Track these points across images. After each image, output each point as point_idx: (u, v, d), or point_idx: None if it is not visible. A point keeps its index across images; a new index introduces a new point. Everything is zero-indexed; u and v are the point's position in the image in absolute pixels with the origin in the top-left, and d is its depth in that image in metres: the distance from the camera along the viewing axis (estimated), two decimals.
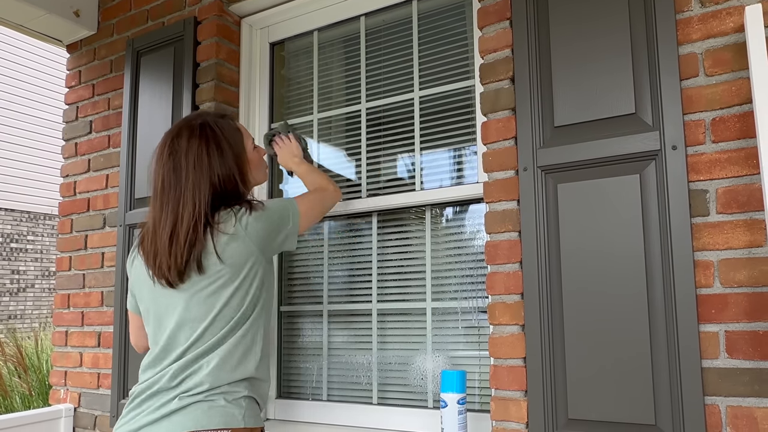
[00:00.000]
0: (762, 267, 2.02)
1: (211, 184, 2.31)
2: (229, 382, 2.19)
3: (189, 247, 2.23)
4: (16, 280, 17.68)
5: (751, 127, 2.08)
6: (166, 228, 2.28)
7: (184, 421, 2.10)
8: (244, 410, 2.18)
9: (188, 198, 2.28)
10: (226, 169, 2.37)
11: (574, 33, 2.40)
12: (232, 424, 2.12)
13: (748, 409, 2.01)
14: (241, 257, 2.25)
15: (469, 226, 2.89)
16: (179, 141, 2.37)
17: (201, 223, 2.25)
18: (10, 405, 6.94)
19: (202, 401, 2.13)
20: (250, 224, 2.27)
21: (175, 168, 2.33)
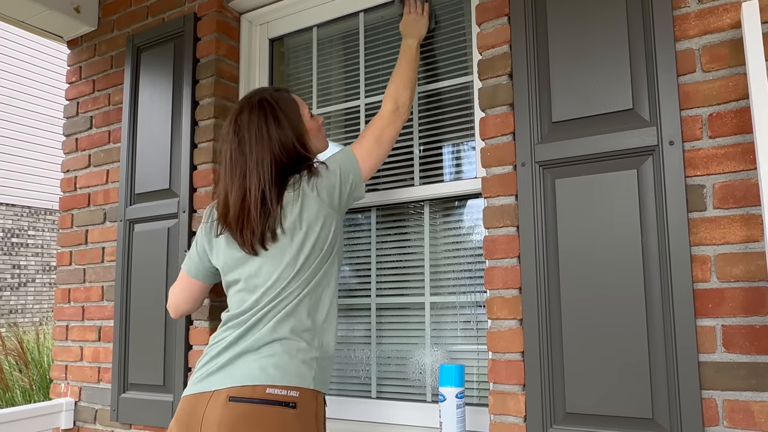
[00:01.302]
0: (758, 262, 2.03)
1: (272, 154, 2.41)
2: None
3: (262, 218, 2.35)
4: (17, 275, 17.70)
5: (747, 122, 2.08)
6: (237, 201, 2.40)
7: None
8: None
9: (253, 171, 2.39)
10: (285, 138, 2.46)
11: (571, 29, 2.40)
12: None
13: (745, 403, 2.02)
14: (312, 216, 2.36)
15: (468, 221, 2.89)
16: (241, 118, 2.49)
17: (268, 193, 2.36)
18: (11, 399, 6.95)
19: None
20: (315, 185, 2.38)
21: (240, 143, 2.45)
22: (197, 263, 2.63)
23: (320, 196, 2.37)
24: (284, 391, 2.19)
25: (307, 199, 2.36)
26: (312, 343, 2.33)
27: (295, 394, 2.21)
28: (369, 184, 3.16)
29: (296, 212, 2.35)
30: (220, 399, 2.18)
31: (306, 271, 2.35)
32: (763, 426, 1.98)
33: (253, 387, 2.17)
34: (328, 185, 2.40)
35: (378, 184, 3.14)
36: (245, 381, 2.19)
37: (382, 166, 3.14)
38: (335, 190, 2.41)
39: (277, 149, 2.42)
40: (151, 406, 3.31)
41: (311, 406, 2.25)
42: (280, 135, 2.44)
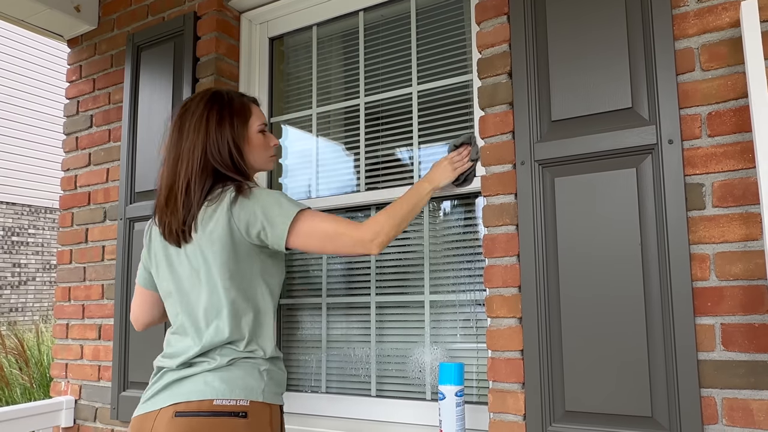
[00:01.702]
0: (757, 260, 2.03)
1: (204, 148, 2.34)
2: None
3: (184, 209, 2.30)
4: (18, 273, 17.69)
5: (746, 121, 2.09)
6: (166, 187, 2.36)
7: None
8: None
9: (184, 157, 2.34)
10: (222, 138, 2.38)
11: (571, 28, 2.41)
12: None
13: (744, 401, 2.02)
14: (224, 233, 2.25)
15: (467, 220, 2.90)
16: (190, 104, 2.45)
17: (193, 185, 2.30)
18: (11, 397, 6.96)
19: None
20: (234, 204, 2.26)
21: (180, 129, 2.40)
22: (143, 272, 2.55)
23: (235, 215, 2.26)
24: (233, 402, 2.14)
25: (222, 219, 2.25)
26: (256, 347, 2.29)
27: (245, 404, 2.16)
28: (369, 183, 3.16)
29: (211, 225, 2.26)
30: (167, 416, 2.14)
31: (227, 283, 2.26)
32: (762, 424, 1.99)
33: (199, 402, 2.13)
34: (243, 212, 2.26)
35: (377, 183, 3.15)
36: (191, 396, 2.15)
37: (382, 165, 3.14)
38: (247, 220, 2.26)
39: (212, 146, 2.35)
40: None
41: (263, 415, 2.20)
42: (218, 134, 2.37)
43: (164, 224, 2.35)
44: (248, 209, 2.27)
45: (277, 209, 2.27)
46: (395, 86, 3.17)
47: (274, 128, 3.54)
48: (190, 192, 2.30)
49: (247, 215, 2.26)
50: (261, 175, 3.44)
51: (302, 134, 3.46)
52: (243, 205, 2.26)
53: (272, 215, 2.26)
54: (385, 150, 3.16)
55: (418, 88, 3.09)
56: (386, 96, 3.19)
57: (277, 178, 3.49)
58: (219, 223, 2.25)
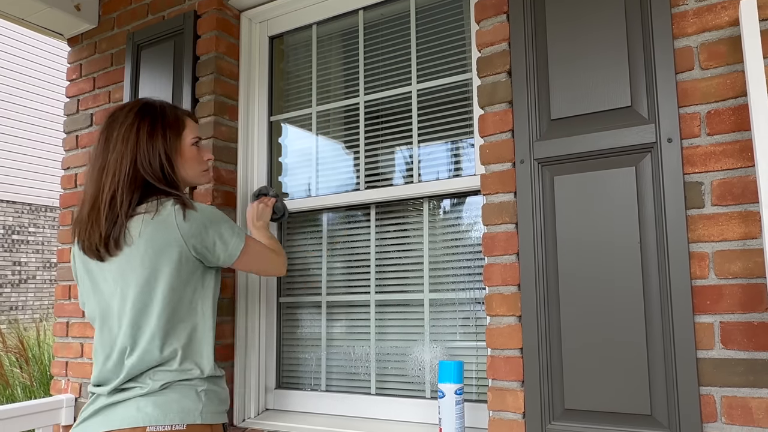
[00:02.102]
0: (756, 258, 2.04)
1: (132, 160, 2.30)
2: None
3: (108, 222, 2.23)
4: (18, 272, 17.71)
5: (745, 119, 2.09)
6: (90, 199, 2.30)
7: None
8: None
9: (110, 168, 2.29)
10: (152, 150, 2.34)
11: (570, 27, 2.41)
12: None
13: (743, 399, 2.03)
14: (166, 244, 2.23)
15: (467, 218, 2.90)
16: (118, 114, 2.40)
17: (119, 196, 2.24)
18: (11, 395, 6.96)
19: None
20: (180, 217, 2.25)
21: (107, 140, 2.35)
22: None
23: (181, 236, 2.24)
24: (167, 427, 2.09)
25: (167, 230, 2.23)
26: (191, 366, 2.24)
27: (181, 428, 2.11)
28: (368, 182, 3.17)
29: (149, 235, 2.22)
30: None
31: (163, 298, 2.23)
32: (761, 422, 1.99)
33: (131, 429, 2.08)
34: (189, 224, 2.26)
35: (377, 182, 3.15)
36: (123, 424, 2.10)
37: (382, 163, 3.15)
38: (196, 232, 2.28)
39: (142, 157, 2.31)
40: None
41: None
42: (148, 145, 2.33)
43: (84, 238, 2.29)
44: (197, 223, 2.28)
45: (229, 230, 2.39)
46: (395, 85, 3.17)
47: (273, 127, 3.54)
48: (114, 204, 2.24)
49: (199, 229, 2.28)
50: (261, 173, 3.45)
51: (302, 133, 3.46)
52: (192, 219, 2.27)
53: (224, 233, 2.37)
54: (385, 148, 3.16)
55: (417, 87, 3.09)
56: (386, 94, 3.19)
57: (277, 176, 3.49)
58: (161, 234, 2.22)
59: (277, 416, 3.16)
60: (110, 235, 2.23)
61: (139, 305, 2.22)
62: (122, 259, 2.24)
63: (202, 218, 2.30)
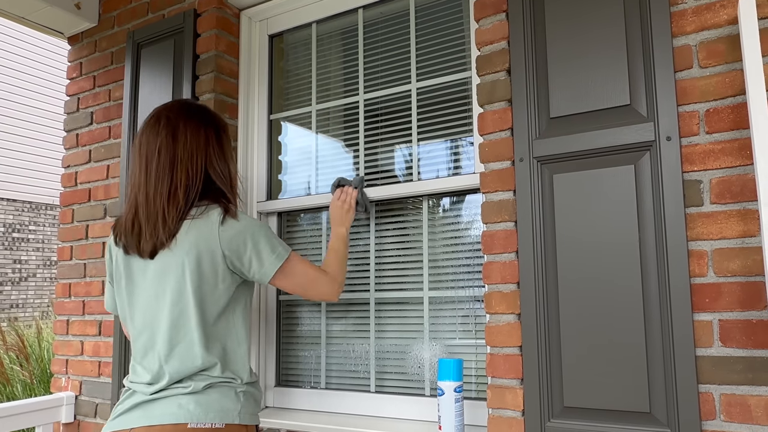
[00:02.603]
0: (755, 256, 2.04)
1: (205, 160, 2.30)
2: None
3: (171, 216, 2.21)
4: (18, 270, 17.72)
5: (744, 118, 2.09)
6: (150, 191, 2.24)
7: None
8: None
9: (183, 163, 2.26)
10: (224, 155, 2.37)
11: (569, 25, 2.41)
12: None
13: (742, 397, 2.03)
14: (206, 251, 2.21)
15: (466, 216, 2.90)
16: (182, 109, 2.37)
17: (188, 194, 2.24)
18: (11, 393, 6.97)
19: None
20: (223, 225, 2.23)
21: (174, 132, 2.29)
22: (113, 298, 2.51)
23: (219, 244, 2.22)
24: (208, 425, 2.10)
25: (208, 237, 2.21)
26: (232, 374, 2.24)
27: (220, 426, 2.11)
28: (368, 180, 3.17)
29: (192, 241, 2.21)
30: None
31: (200, 305, 2.22)
32: (760, 420, 2.00)
33: (173, 426, 2.08)
34: (234, 243, 2.24)
35: (377, 180, 3.15)
36: (164, 420, 2.10)
37: (381, 161, 3.15)
38: (236, 252, 2.25)
39: (215, 160, 2.33)
40: None
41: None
42: (219, 149, 2.36)
43: (138, 233, 2.25)
44: (238, 235, 2.25)
45: (267, 246, 2.30)
46: (394, 83, 3.18)
47: (273, 125, 3.55)
48: (179, 199, 2.22)
49: (237, 242, 2.24)
50: (261, 171, 3.45)
51: (302, 131, 3.46)
52: (232, 228, 2.24)
53: (262, 250, 2.29)
54: (385, 147, 3.16)
55: (417, 85, 3.10)
56: (385, 93, 3.20)
57: (277, 175, 3.49)
58: (203, 241, 2.21)
59: (277, 414, 3.16)
60: (169, 230, 2.21)
61: (176, 311, 2.21)
62: (168, 259, 2.23)
63: (243, 231, 2.26)
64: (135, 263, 2.30)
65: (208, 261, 2.21)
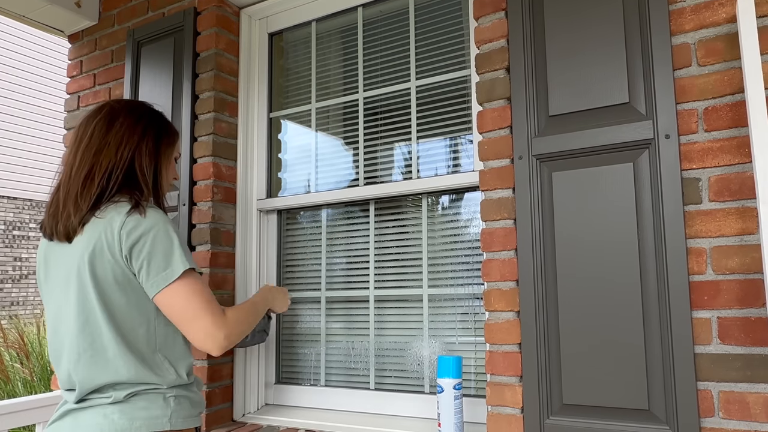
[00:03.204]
0: (754, 254, 2.05)
1: (131, 154, 2.14)
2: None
3: (88, 202, 2.05)
4: (19, 267, 17.71)
5: (743, 116, 2.10)
6: (75, 174, 2.10)
7: None
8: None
9: (111, 151, 2.11)
10: (155, 151, 2.21)
11: (568, 23, 2.41)
12: None
13: (740, 394, 2.03)
14: (105, 244, 2.02)
15: (465, 214, 2.91)
16: (127, 104, 2.27)
17: (109, 182, 2.08)
18: (12, 390, 6.96)
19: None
20: (127, 217, 2.03)
21: (111, 121, 2.16)
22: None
23: (117, 238, 2.01)
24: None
25: (109, 229, 2.02)
26: (156, 387, 2.07)
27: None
28: (368, 177, 3.18)
29: (89, 234, 2.03)
30: None
31: (108, 306, 2.03)
32: (758, 417, 2.00)
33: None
34: (132, 239, 2.01)
35: (376, 178, 3.16)
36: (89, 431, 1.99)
37: (381, 159, 3.15)
38: (132, 251, 2.01)
39: (143, 154, 2.16)
40: None
41: None
42: (151, 145, 2.20)
43: (55, 213, 2.11)
44: (138, 233, 2.03)
45: (162, 258, 2.04)
46: (394, 81, 3.18)
47: (273, 123, 3.56)
48: (95, 183, 2.06)
49: (135, 239, 2.03)
50: (261, 169, 3.46)
51: (301, 129, 3.47)
52: (136, 224, 2.04)
53: (155, 261, 2.04)
54: (384, 145, 3.17)
55: (416, 83, 3.10)
56: (385, 91, 3.20)
57: (277, 172, 3.50)
58: (102, 233, 2.03)
59: (277, 411, 3.17)
60: (81, 216, 2.05)
61: (86, 308, 2.06)
62: (74, 249, 2.08)
63: (146, 231, 2.04)
64: (53, 249, 2.15)
65: (106, 258, 2.02)
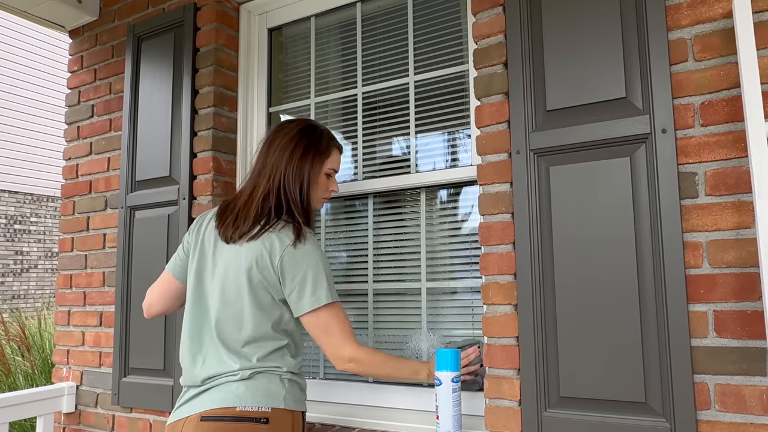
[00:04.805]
0: (749, 248, 2.05)
1: (283, 172, 2.46)
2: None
3: (256, 214, 2.42)
4: (20, 261, 17.74)
5: (739, 110, 2.10)
6: (246, 192, 2.49)
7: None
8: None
9: (267, 171, 2.46)
10: (300, 169, 2.49)
11: (565, 19, 2.42)
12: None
13: (737, 387, 2.04)
14: (263, 262, 2.36)
15: (463, 208, 2.92)
16: (288, 125, 2.58)
17: (267, 199, 2.43)
18: (13, 383, 6.98)
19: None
20: (290, 248, 2.36)
21: (270, 144, 2.53)
22: (179, 260, 2.63)
23: (276, 265, 2.36)
24: (255, 408, 2.24)
25: (270, 251, 2.36)
26: (277, 368, 2.36)
27: (266, 410, 2.25)
28: (366, 172, 3.18)
29: (257, 246, 2.37)
30: (194, 421, 2.24)
31: (256, 305, 2.38)
32: (754, 410, 2.01)
33: (224, 408, 2.23)
34: (287, 269, 2.35)
35: (375, 172, 3.17)
36: (215, 404, 2.25)
37: (379, 153, 3.16)
38: (284, 277, 2.37)
39: (289, 173, 2.46)
40: (152, 390, 3.34)
41: (285, 421, 2.29)
42: (298, 163, 2.49)
43: (230, 222, 2.46)
44: (294, 265, 2.35)
45: (311, 285, 2.36)
46: (392, 76, 3.19)
47: (273, 118, 3.56)
48: (262, 207, 2.42)
49: (290, 269, 2.35)
50: None
51: None
52: (293, 257, 2.35)
53: (306, 288, 2.36)
54: (383, 139, 3.18)
55: (415, 78, 3.11)
56: (384, 86, 3.21)
57: None
58: (262, 252, 2.36)
59: None
60: (241, 231, 2.40)
61: (240, 304, 2.39)
62: (232, 254, 2.42)
63: (300, 262, 2.36)
64: (214, 243, 2.50)
65: (261, 273, 2.36)
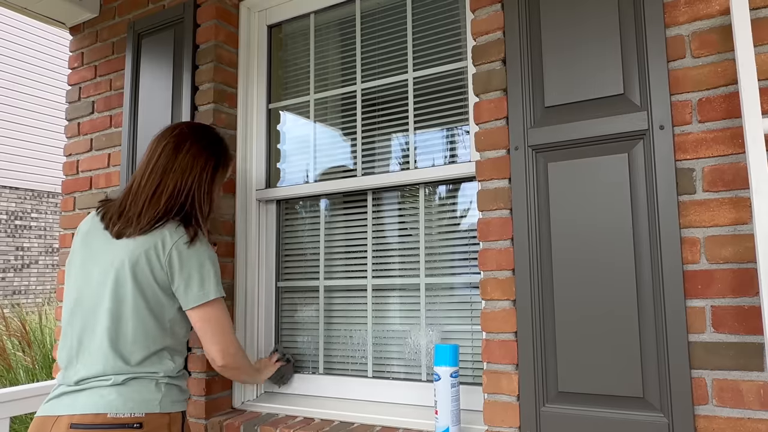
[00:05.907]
0: (747, 243, 2.06)
1: (198, 179, 2.46)
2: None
3: (158, 216, 2.38)
4: (21, 257, 17.76)
5: (736, 107, 2.11)
6: (143, 189, 2.43)
7: None
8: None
9: (177, 174, 2.43)
10: (213, 188, 2.54)
11: (564, 15, 2.42)
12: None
13: (734, 382, 2.05)
14: (154, 260, 2.36)
15: (462, 204, 2.92)
16: (199, 128, 2.58)
17: (174, 201, 2.41)
18: (14, 378, 6.98)
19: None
20: (182, 246, 2.38)
21: (178, 145, 2.48)
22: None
23: (164, 260, 2.37)
24: (128, 414, 2.20)
25: (159, 248, 2.37)
26: (152, 373, 2.34)
27: (140, 415, 2.22)
28: (365, 168, 3.19)
29: (147, 245, 2.36)
30: (63, 425, 2.19)
31: (141, 304, 2.36)
32: (752, 405, 2.02)
33: (94, 415, 2.19)
34: (176, 265, 2.38)
35: (374, 168, 3.18)
36: (86, 409, 2.21)
37: (378, 150, 3.17)
38: (174, 271, 2.39)
39: (202, 187, 2.48)
40: None
41: (161, 423, 2.27)
42: (211, 180, 2.52)
43: (119, 213, 2.43)
44: (184, 259, 2.38)
45: (199, 280, 2.41)
46: (391, 73, 3.19)
47: (272, 114, 3.57)
48: (160, 203, 2.40)
49: (179, 263, 2.37)
50: (260, 160, 3.48)
51: (300, 120, 3.48)
52: (184, 251, 2.38)
53: (194, 282, 2.40)
54: (382, 136, 3.18)
55: (413, 75, 3.11)
56: (382, 82, 3.21)
57: (275, 163, 3.51)
58: (153, 246, 2.36)
59: (276, 399, 3.19)
60: (140, 227, 2.37)
61: (116, 304, 2.36)
62: (121, 249, 2.38)
63: (189, 259, 2.39)
64: (97, 238, 2.46)
65: (153, 265, 2.36)
